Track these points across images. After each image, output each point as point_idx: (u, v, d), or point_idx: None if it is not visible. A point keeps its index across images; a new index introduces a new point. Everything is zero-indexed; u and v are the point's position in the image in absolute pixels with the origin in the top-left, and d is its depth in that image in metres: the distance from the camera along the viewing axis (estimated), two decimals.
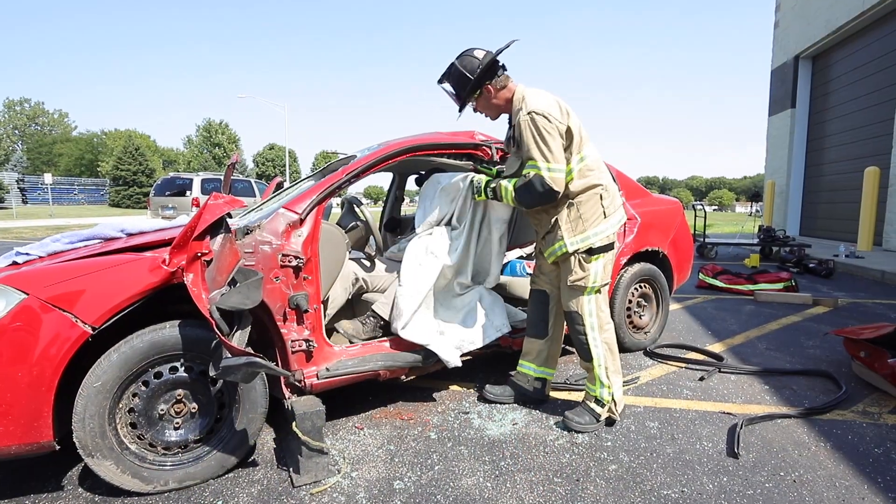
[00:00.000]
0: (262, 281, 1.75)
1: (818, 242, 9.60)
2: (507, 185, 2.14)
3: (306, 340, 2.04)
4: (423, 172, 2.86)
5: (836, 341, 3.28)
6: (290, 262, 1.99)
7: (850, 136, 10.13)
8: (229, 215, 2.67)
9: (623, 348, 3.08)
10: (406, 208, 4.17)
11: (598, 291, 2.14)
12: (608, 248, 2.13)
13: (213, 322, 1.57)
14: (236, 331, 1.67)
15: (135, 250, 1.88)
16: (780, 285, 5.10)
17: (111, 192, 34.93)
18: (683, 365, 2.93)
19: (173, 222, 2.34)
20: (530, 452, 1.97)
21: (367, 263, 2.66)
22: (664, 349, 3.17)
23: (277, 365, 2.04)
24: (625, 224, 2.97)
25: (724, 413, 2.30)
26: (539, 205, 2.08)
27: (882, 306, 4.62)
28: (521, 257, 3.08)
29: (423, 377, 2.56)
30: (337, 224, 2.60)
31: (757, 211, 16.66)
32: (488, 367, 2.87)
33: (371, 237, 2.68)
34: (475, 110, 2.22)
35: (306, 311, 2.02)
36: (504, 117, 2.28)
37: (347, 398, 2.47)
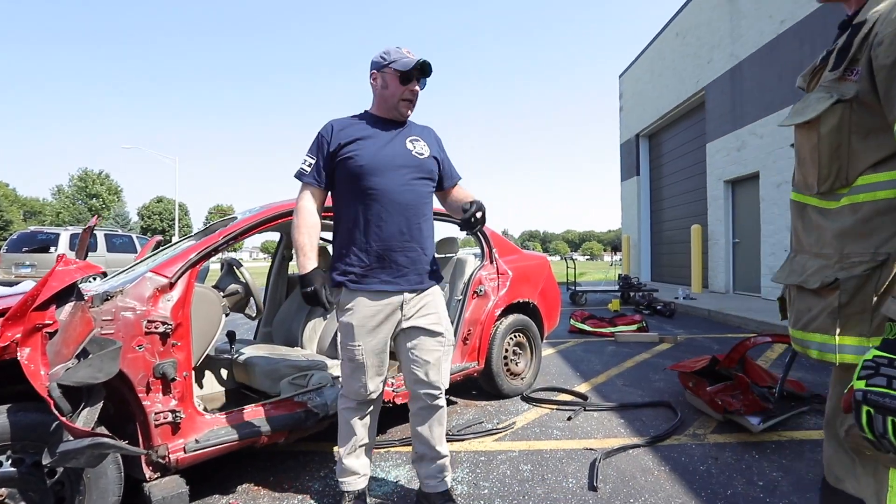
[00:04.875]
0: (120, 350, 1.57)
1: (664, 287, 10.97)
2: None
3: (173, 411, 1.84)
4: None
5: (674, 374, 3.71)
6: (156, 328, 1.81)
7: (679, 200, 11.97)
8: (94, 278, 2.40)
9: (502, 395, 3.20)
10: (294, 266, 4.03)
11: None
12: None
13: (52, 401, 1.36)
14: (83, 408, 1.46)
15: None
16: (634, 326, 5.70)
17: None
18: (555, 407, 3.10)
19: (14, 289, 2.03)
20: None
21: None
22: (538, 393, 3.34)
23: (138, 441, 1.81)
24: (498, 278, 3.17)
25: (587, 449, 2.46)
26: None
27: (710, 340, 5.35)
28: None
29: (305, 440, 2.41)
30: (215, 286, 2.45)
31: (618, 260, 18.68)
32: None
33: (251, 298, 2.55)
34: None
35: (174, 379, 1.84)
36: None
37: (223, 470, 2.23)
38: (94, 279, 2.46)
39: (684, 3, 11.01)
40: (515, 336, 3.30)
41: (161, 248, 2.99)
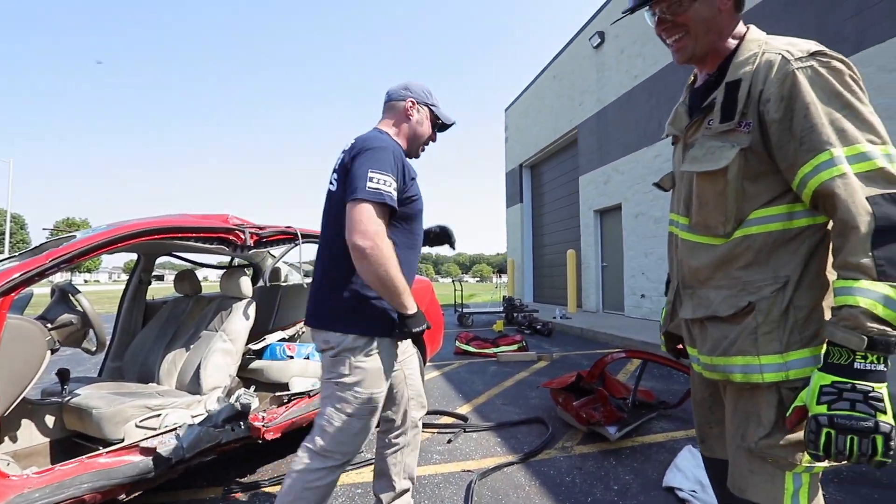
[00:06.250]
0: None
1: (545, 307, 11.80)
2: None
3: None
4: None
5: (547, 390, 3.97)
6: None
7: (558, 227, 13.09)
8: None
9: None
10: (154, 290, 3.60)
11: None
12: None
13: None
14: None
15: None
16: (515, 346, 6.01)
17: None
18: (436, 430, 3.13)
19: None
20: None
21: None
22: None
23: None
24: None
25: (464, 471, 2.50)
26: None
27: (581, 357, 5.84)
28: (282, 339, 2.94)
29: (153, 491, 2.12)
30: (40, 317, 2.08)
31: (504, 282, 19.73)
32: (239, 465, 2.56)
33: (91, 330, 2.20)
34: (664, 19, 1.07)
35: None
36: None
37: None
38: None
39: (560, 50, 12.29)
40: None
41: None
